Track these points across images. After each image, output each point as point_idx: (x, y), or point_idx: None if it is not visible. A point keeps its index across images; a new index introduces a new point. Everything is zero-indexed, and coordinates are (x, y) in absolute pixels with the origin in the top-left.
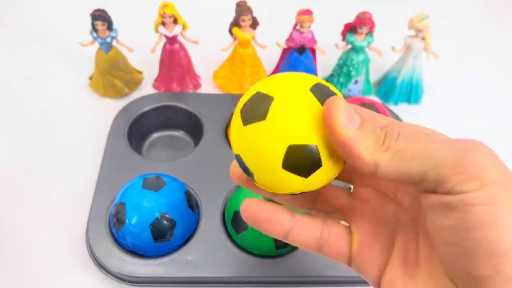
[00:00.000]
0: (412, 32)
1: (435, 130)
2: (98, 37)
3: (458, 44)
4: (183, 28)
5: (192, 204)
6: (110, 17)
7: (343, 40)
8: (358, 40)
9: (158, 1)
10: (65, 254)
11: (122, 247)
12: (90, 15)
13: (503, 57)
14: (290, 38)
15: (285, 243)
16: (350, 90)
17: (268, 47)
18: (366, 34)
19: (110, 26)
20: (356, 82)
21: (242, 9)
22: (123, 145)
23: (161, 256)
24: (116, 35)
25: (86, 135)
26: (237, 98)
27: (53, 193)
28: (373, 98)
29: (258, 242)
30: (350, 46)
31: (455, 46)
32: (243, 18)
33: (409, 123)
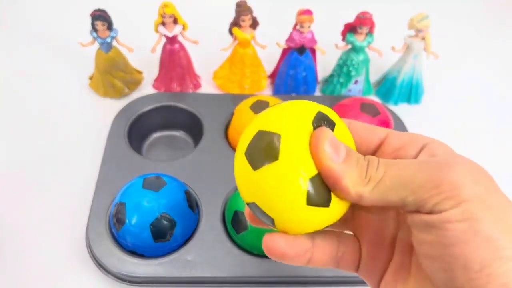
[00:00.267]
0: (412, 32)
1: (435, 141)
2: (98, 37)
3: (458, 44)
4: (183, 28)
5: (192, 204)
6: (110, 17)
7: (343, 40)
8: (358, 40)
9: (158, 1)
10: (65, 254)
11: (122, 247)
12: (90, 15)
13: (503, 57)
14: (290, 38)
15: None
16: (350, 90)
17: (268, 47)
18: (366, 34)
19: (110, 26)
20: (356, 82)
21: (242, 9)
22: (123, 145)
23: (161, 256)
24: (116, 35)
25: (86, 135)
26: (237, 98)
27: (53, 193)
28: (373, 98)
29: (258, 242)
30: (350, 46)
31: (455, 46)
32: (243, 18)
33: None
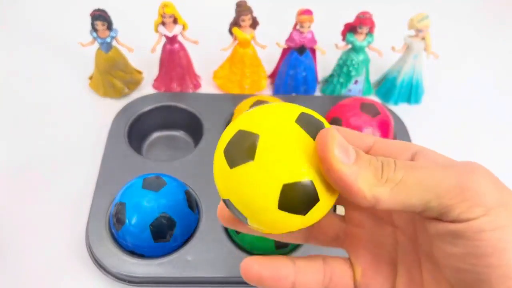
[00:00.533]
0: (412, 32)
1: (426, 149)
2: (98, 37)
3: (458, 44)
4: (183, 28)
5: (192, 204)
6: (110, 17)
7: (343, 40)
8: (358, 40)
9: (158, 1)
10: (65, 254)
11: (122, 247)
12: (90, 15)
13: (503, 57)
14: (290, 38)
15: (285, 243)
16: (350, 90)
17: (268, 47)
18: (366, 34)
19: (110, 26)
20: (356, 82)
21: (242, 9)
22: (123, 145)
23: (161, 256)
24: (116, 35)
25: (86, 135)
26: (237, 98)
27: (53, 193)
28: (373, 98)
29: (258, 242)
30: (350, 46)
31: (455, 46)
32: (243, 18)
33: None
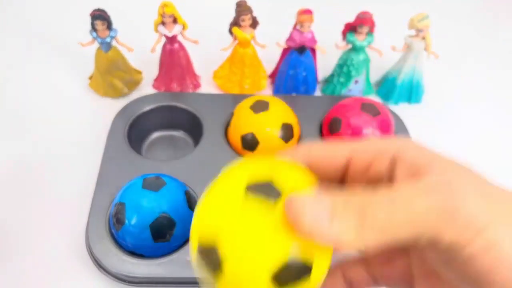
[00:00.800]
0: (412, 32)
1: (404, 149)
2: (98, 36)
3: (458, 44)
4: (183, 28)
5: (192, 204)
6: (109, 16)
7: (343, 40)
8: (358, 39)
9: (158, 1)
10: (65, 254)
11: (122, 247)
12: (90, 15)
13: (503, 57)
14: (290, 38)
15: None
16: (350, 90)
17: (268, 47)
18: (366, 34)
19: (109, 26)
20: (356, 82)
21: (242, 9)
22: (123, 145)
23: (160, 256)
24: (115, 35)
25: (86, 135)
26: (237, 98)
27: (53, 193)
28: (373, 98)
29: None
30: (350, 46)
31: (455, 46)
32: (243, 18)
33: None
